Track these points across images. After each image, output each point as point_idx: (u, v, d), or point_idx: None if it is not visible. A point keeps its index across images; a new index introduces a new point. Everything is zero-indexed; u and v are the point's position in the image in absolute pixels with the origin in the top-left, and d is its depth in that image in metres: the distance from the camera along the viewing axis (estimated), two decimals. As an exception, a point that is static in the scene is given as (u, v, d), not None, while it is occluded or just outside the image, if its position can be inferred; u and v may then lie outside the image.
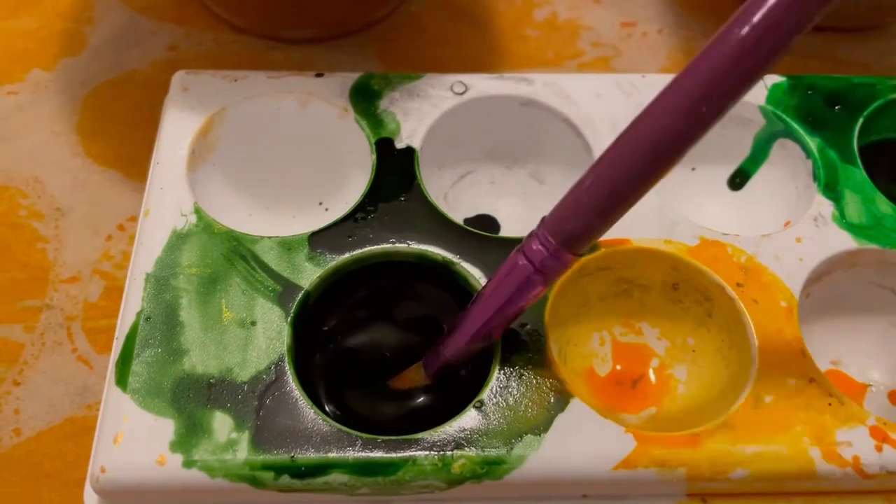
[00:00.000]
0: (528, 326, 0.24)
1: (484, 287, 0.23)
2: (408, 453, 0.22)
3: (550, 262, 0.21)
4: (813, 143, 0.28)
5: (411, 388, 0.25)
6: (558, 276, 0.21)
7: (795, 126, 0.29)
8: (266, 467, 0.21)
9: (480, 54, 0.37)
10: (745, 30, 0.17)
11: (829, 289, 0.27)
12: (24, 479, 0.26)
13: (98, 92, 0.34)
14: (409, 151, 0.28)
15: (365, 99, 0.29)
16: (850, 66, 0.37)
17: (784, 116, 0.29)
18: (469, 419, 0.22)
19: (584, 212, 0.20)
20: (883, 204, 0.27)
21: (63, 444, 0.26)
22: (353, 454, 0.22)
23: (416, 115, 0.29)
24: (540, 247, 0.21)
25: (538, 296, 0.22)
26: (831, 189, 0.27)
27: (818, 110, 0.29)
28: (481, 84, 0.29)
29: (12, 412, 0.27)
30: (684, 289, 0.26)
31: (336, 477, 0.21)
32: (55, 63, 0.35)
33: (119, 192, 0.32)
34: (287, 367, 0.23)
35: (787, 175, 0.29)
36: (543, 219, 0.21)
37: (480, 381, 0.24)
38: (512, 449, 0.22)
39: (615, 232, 0.26)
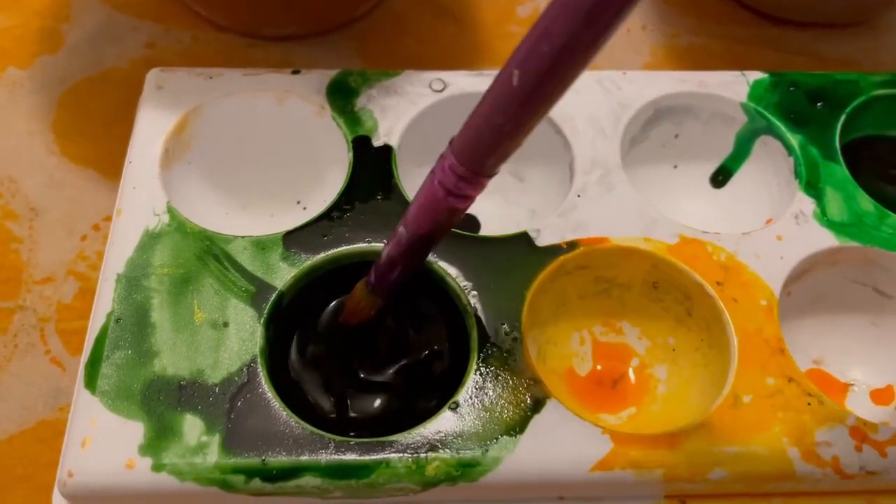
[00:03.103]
0: (505, 326, 0.24)
1: (407, 211, 0.22)
2: (381, 455, 0.21)
3: (463, 184, 0.20)
4: (795, 140, 0.28)
5: (367, 317, 0.24)
6: (477, 193, 0.21)
7: (777, 123, 0.29)
8: (237, 471, 0.21)
9: (463, 51, 0.36)
10: None
11: (810, 287, 0.27)
12: (-4, 483, 0.25)
13: (75, 90, 0.34)
14: (387, 149, 0.28)
15: (342, 96, 0.29)
16: (836, 62, 0.37)
17: (766, 113, 0.29)
18: (444, 421, 0.22)
19: (481, 132, 0.19)
20: (864, 201, 0.27)
21: (35, 447, 0.26)
22: (325, 457, 0.21)
23: (394, 113, 0.28)
24: (450, 172, 0.20)
25: (465, 209, 0.21)
26: (813, 186, 0.27)
27: (800, 107, 0.29)
28: (460, 81, 0.29)
29: (-16, 415, 0.27)
30: (664, 287, 0.26)
31: (308, 480, 0.21)
32: (32, 61, 0.35)
33: (95, 191, 0.31)
34: (259, 369, 0.23)
35: (769, 172, 0.29)
36: (452, 140, 0.20)
37: (456, 382, 0.23)
38: (487, 451, 0.22)
39: (595, 230, 0.26)
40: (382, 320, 0.24)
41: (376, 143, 0.28)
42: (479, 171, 0.20)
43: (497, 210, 0.30)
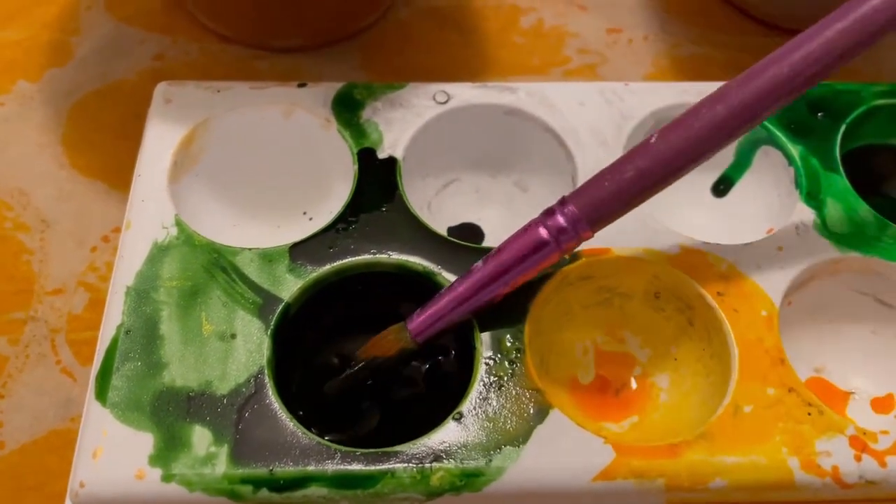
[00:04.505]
0: (509, 337, 0.24)
1: (494, 252, 0.24)
2: (386, 466, 0.22)
3: (571, 236, 0.23)
4: (795, 150, 0.29)
5: (393, 352, 0.24)
6: (572, 249, 0.24)
7: (778, 133, 0.29)
8: (245, 481, 0.21)
9: (467, 62, 0.37)
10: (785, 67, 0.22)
11: (811, 296, 0.27)
12: (8, 492, 0.26)
13: (84, 103, 0.34)
14: (392, 161, 0.28)
15: (347, 109, 0.29)
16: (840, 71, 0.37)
17: (767, 123, 0.29)
18: (448, 431, 0.22)
19: (621, 199, 0.23)
20: (865, 212, 0.27)
21: (47, 457, 0.26)
22: (331, 467, 0.22)
23: (399, 125, 0.29)
24: (564, 222, 0.23)
25: (547, 266, 0.24)
26: (813, 197, 0.28)
27: (801, 117, 0.29)
28: (464, 93, 0.29)
29: (-4, 425, 0.27)
30: (666, 297, 0.26)
31: (315, 490, 0.21)
32: (41, 74, 0.35)
33: (104, 203, 0.32)
34: (267, 380, 0.23)
35: (770, 183, 0.29)
36: (565, 198, 0.24)
37: (460, 392, 0.24)
38: (491, 461, 0.22)
39: (596, 241, 0.26)
40: (401, 363, 0.25)
41: (381, 155, 0.28)
42: (593, 221, 0.23)
43: (501, 221, 0.30)
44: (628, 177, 0.23)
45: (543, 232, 0.23)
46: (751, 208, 0.29)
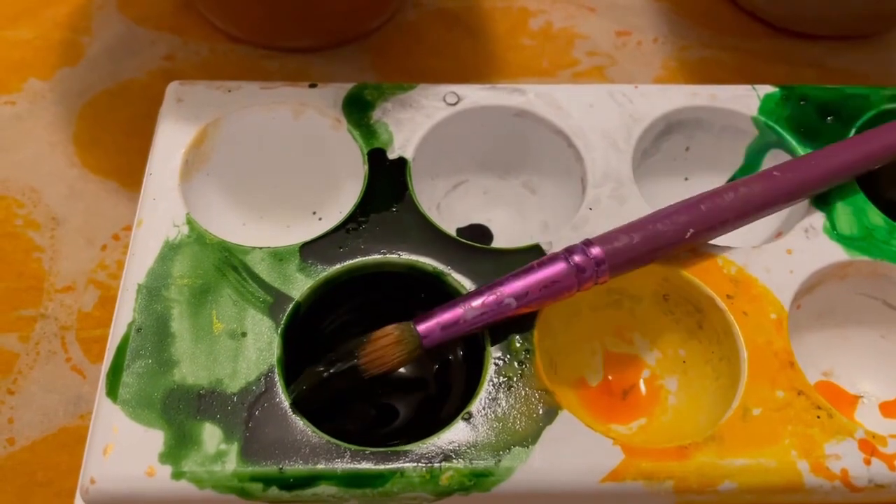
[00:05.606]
0: (518, 338, 0.24)
1: (512, 275, 0.24)
2: (396, 465, 0.22)
3: (591, 276, 0.24)
4: (805, 154, 0.28)
5: (403, 359, 0.23)
6: (588, 289, 0.25)
7: (787, 137, 0.29)
8: (254, 479, 0.22)
9: (476, 64, 0.37)
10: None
11: (820, 300, 0.27)
12: (18, 489, 0.26)
13: (95, 102, 0.34)
14: (402, 162, 0.28)
15: (358, 109, 0.29)
16: (847, 75, 0.37)
17: (776, 127, 0.29)
18: (457, 431, 0.22)
19: (646, 257, 0.25)
20: (874, 215, 0.27)
21: (56, 454, 0.27)
22: (341, 466, 0.22)
23: (409, 126, 0.29)
24: (586, 261, 0.24)
25: (560, 299, 0.25)
26: (822, 200, 0.28)
27: (811, 121, 0.29)
28: (474, 95, 0.30)
29: (6, 421, 0.27)
30: (675, 300, 0.26)
31: (324, 489, 0.22)
32: (52, 73, 0.35)
33: (115, 201, 0.32)
34: (277, 379, 0.23)
35: (780, 186, 0.29)
36: (591, 240, 0.25)
37: (469, 392, 0.24)
38: (500, 461, 0.22)
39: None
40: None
41: (391, 155, 0.28)
42: (613, 268, 0.24)
43: (510, 223, 0.30)
44: (659, 245, 0.25)
45: (569, 270, 0.24)
46: (760, 211, 0.29)
